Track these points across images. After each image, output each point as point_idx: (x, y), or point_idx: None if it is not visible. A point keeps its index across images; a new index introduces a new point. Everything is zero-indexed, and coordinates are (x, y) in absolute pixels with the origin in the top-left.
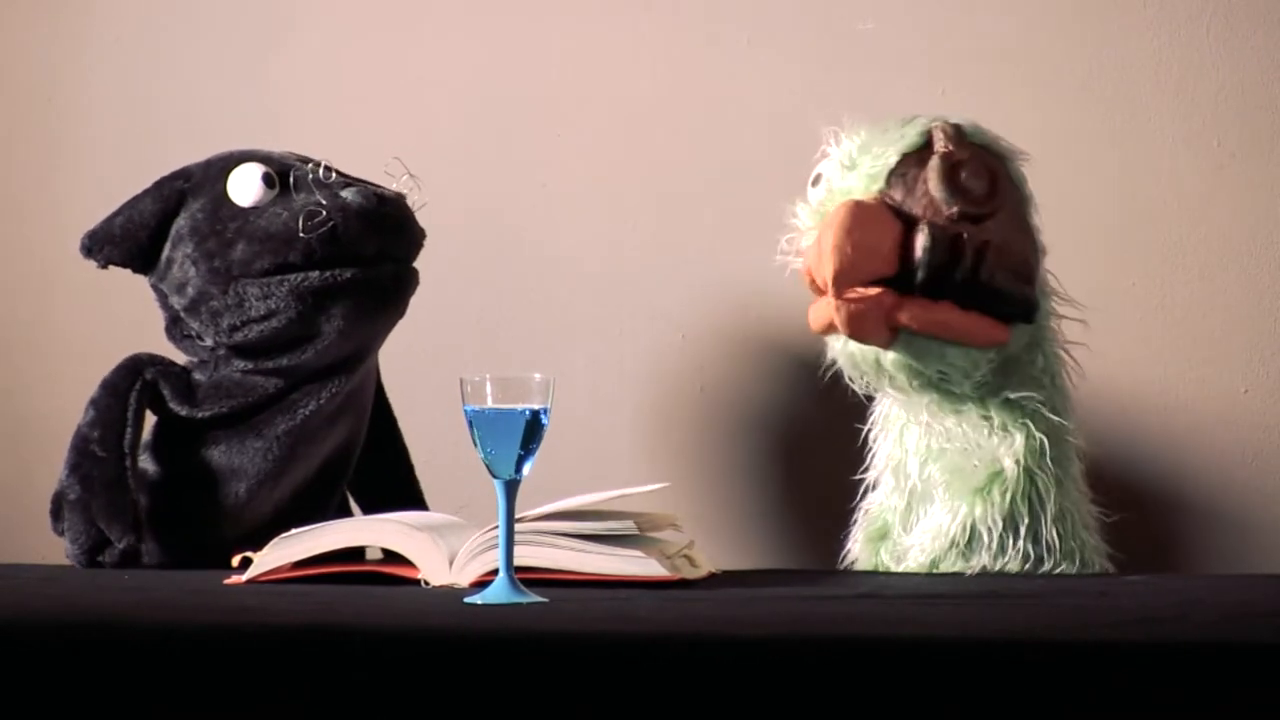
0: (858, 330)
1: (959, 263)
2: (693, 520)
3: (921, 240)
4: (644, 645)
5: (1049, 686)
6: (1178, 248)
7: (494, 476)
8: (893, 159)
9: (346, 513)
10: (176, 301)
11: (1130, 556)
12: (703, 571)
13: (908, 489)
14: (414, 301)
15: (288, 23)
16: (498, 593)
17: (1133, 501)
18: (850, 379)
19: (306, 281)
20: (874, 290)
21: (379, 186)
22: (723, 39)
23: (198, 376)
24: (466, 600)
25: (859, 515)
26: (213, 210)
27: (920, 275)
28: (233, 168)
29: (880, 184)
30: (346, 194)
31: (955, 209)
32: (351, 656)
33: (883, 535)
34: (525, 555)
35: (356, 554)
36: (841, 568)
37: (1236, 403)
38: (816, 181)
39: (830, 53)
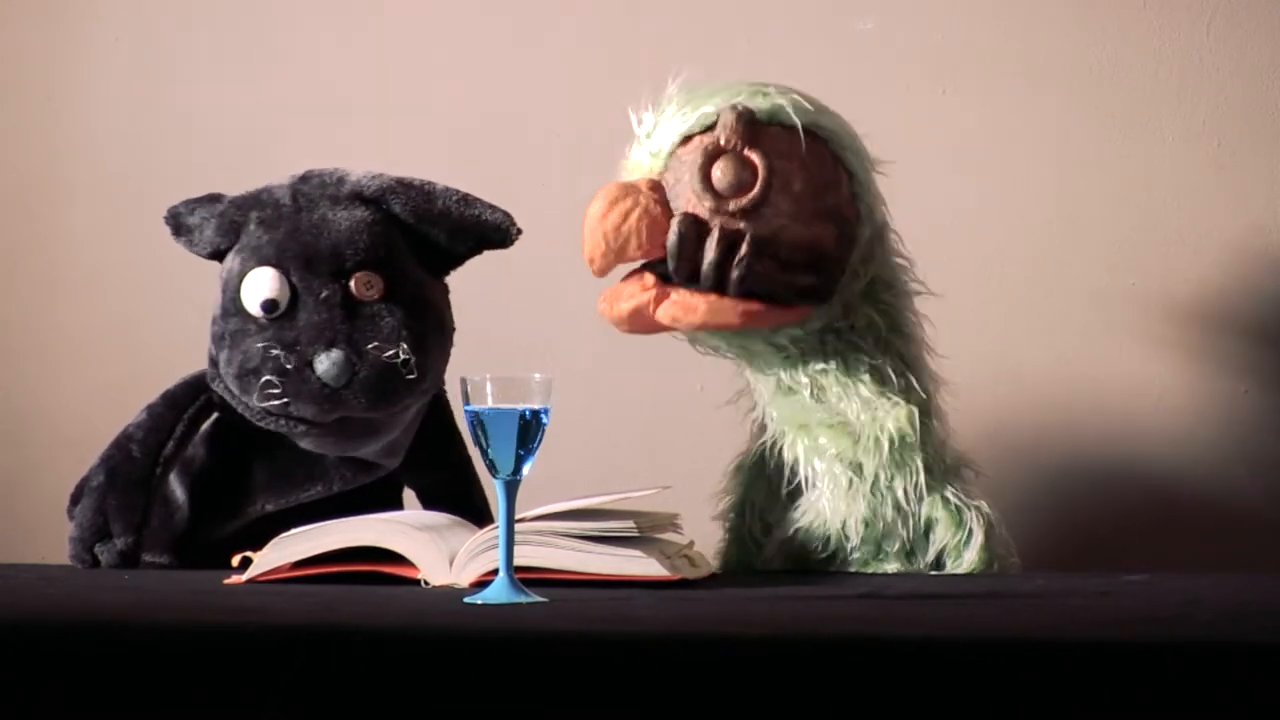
0: (634, 329)
1: (708, 256)
2: (693, 521)
3: (671, 232)
4: (644, 645)
5: (1050, 686)
6: (1178, 248)
7: (494, 476)
8: (676, 139)
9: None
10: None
11: (1131, 556)
12: (703, 571)
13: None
14: None
15: (288, 24)
16: (498, 593)
17: (1133, 501)
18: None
19: (263, 420)
20: (639, 288)
21: (378, 348)
22: (723, 39)
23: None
24: (466, 600)
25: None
26: (235, 288)
27: (671, 265)
28: (261, 259)
29: (661, 164)
30: (320, 364)
31: (709, 203)
32: (351, 656)
33: (755, 465)
34: (525, 555)
35: (356, 554)
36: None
37: (1236, 403)
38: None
39: (830, 53)
